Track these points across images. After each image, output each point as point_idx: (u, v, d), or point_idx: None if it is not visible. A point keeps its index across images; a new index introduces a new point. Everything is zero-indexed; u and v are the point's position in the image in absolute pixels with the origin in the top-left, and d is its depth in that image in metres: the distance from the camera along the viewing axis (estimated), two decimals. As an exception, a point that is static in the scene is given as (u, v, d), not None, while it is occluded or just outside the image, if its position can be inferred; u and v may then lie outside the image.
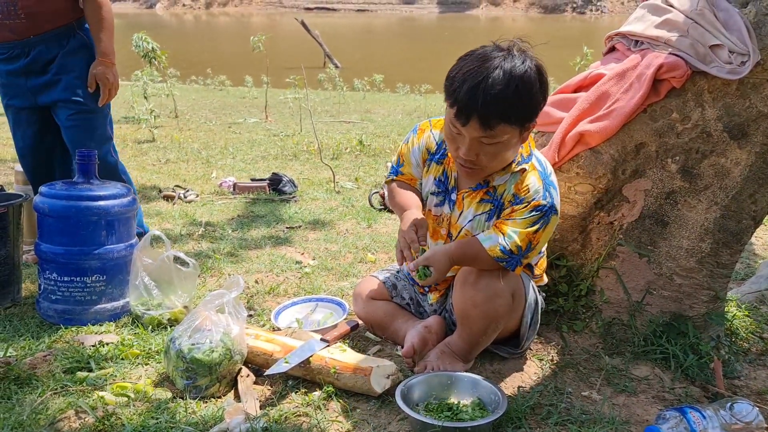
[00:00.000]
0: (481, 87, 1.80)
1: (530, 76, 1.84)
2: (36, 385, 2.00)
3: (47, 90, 2.88)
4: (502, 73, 1.81)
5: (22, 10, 2.73)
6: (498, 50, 1.88)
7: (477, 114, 1.82)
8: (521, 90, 1.82)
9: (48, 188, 2.47)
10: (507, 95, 1.81)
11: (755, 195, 2.20)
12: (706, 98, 2.17)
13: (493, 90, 1.80)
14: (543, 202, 1.96)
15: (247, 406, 1.88)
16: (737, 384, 2.18)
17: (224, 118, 8.88)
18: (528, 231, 1.96)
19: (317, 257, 3.31)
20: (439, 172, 2.15)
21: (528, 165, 2.01)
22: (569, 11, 55.38)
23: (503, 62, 1.83)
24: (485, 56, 1.86)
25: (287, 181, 4.70)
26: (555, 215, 1.99)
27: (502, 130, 1.86)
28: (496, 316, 2.03)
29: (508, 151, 1.94)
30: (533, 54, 1.91)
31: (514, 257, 1.98)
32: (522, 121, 1.88)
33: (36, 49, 2.82)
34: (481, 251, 1.98)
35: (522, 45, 1.92)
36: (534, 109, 1.90)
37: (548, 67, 1.91)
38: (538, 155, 2.06)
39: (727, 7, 2.14)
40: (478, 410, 1.87)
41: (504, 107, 1.82)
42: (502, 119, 1.83)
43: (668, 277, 2.27)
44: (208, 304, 2.10)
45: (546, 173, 2.02)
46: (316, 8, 59.48)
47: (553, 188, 2.00)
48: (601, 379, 2.12)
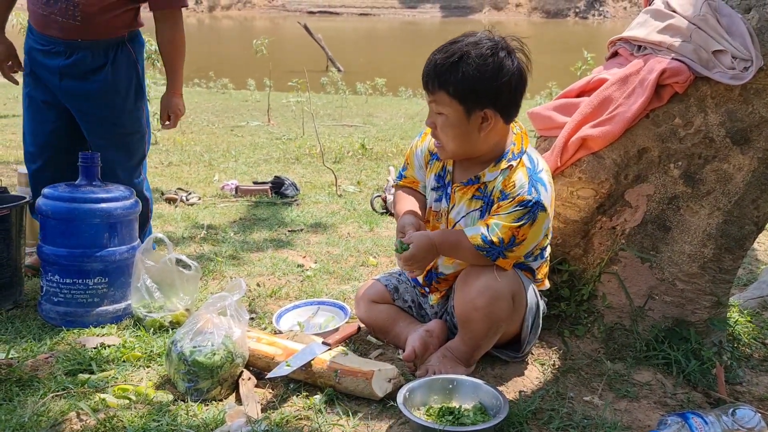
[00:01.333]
0: (432, 56, 1.95)
1: (483, 58, 1.91)
2: (37, 387, 2.00)
3: (82, 100, 2.72)
4: (461, 48, 1.92)
5: (81, 14, 2.59)
6: (484, 37, 1.96)
7: (424, 75, 1.98)
8: (461, 64, 1.91)
9: (51, 190, 2.48)
10: (443, 64, 1.92)
11: (758, 200, 2.20)
12: (709, 104, 2.17)
13: (443, 55, 1.94)
14: (527, 197, 1.96)
15: (249, 409, 1.88)
16: (739, 390, 2.18)
17: (227, 121, 8.89)
18: (512, 225, 1.96)
19: (319, 260, 3.31)
20: (439, 168, 2.19)
21: (516, 161, 2.03)
22: (572, 16, 55.44)
23: (473, 44, 1.93)
24: (469, 34, 1.98)
25: (289, 185, 4.70)
26: (543, 212, 1.97)
27: (442, 98, 1.96)
28: (497, 319, 2.03)
29: (460, 130, 1.98)
30: (520, 57, 1.97)
31: (495, 248, 1.98)
32: (460, 96, 1.93)
33: (79, 53, 2.66)
34: (463, 239, 2.01)
35: (512, 43, 1.98)
36: (475, 90, 1.92)
37: (550, 72, 1.95)
38: (531, 153, 2.07)
39: (730, 13, 2.14)
40: (479, 414, 1.86)
41: (439, 73, 1.94)
42: (440, 86, 1.95)
43: (670, 283, 2.27)
44: (209, 306, 2.10)
45: (535, 170, 2.02)
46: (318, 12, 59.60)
47: (542, 185, 1.99)
48: (602, 384, 2.12)
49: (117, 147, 2.78)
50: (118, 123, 2.78)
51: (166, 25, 2.72)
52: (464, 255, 2.06)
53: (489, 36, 1.97)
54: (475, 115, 1.96)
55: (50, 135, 2.82)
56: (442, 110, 1.98)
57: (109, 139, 2.79)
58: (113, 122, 2.77)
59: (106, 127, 2.78)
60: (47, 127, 2.81)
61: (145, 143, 2.93)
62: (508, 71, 1.93)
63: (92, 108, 2.74)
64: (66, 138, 2.83)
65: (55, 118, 2.79)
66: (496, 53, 1.92)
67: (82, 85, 2.71)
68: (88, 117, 2.77)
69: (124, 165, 2.81)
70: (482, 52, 1.91)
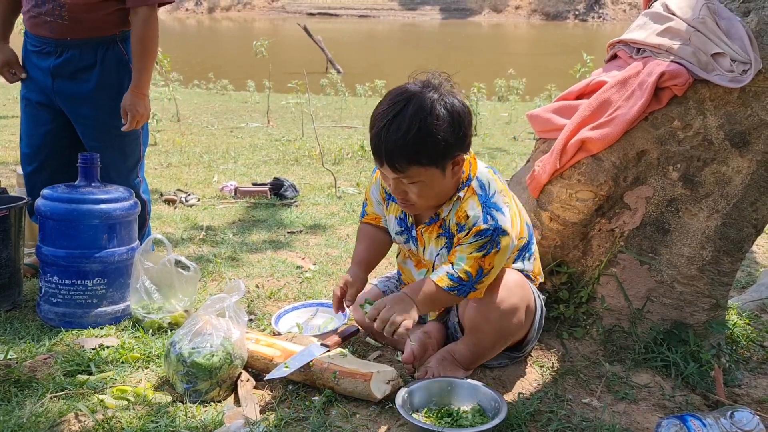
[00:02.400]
0: (383, 132, 1.82)
1: (438, 118, 1.81)
2: (36, 388, 2.00)
3: (74, 101, 2.74)
4: (407, 117, 1.80)
5: (68, 14, 2.62)
6: (413, 90, 1.85)
7: (384, 159, 1.85)
8: (424, 134, 1.80)
9: (50, 191, 2.48)
10: (407, 141, 1.80)
11: (756, 203, 2.20)
12: (708, 106, 2.18)
13: (395, 135, 1.80)
14: (484, 227, 1.91)
15: (247, 411, 1.88)
16: (738, 392, 2.18)
17: (226, 123, 8.89)
18: (475, 256, 1.92)
19: (318, 262, 3.31)
20: (399, 211, 2.14)
21: (465, 191, 1.98)
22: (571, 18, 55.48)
23: (409, 105, 1.81)
24: (398, 97, 1.85)
25: (289, 186, 4.70)
26: (504, 236, 1.92)
27: (416, 171, 1.86)
28: (507, 334, 2.04)
29: (437, 186, 1.92)
30: (454, 92, 1.89)
31: (465, 284, 1.94)
32: (435, 161, 1.86)
33: (69, 52, 2.68)
34: (431, 284, 1.96)
35: (445, 83, 1.90)
36: (446, 149, 1.85)
37: (549, 74, 1.93)
38: (482, 177, 1.99)
39: (729, 16, 2.14)
40: (478, 416, 1.87)
41: (407, 152, 1.82)
42: (410, 163, 1.84)
43: (669, 285, 2.27)
44: (208, 308, 2.10)
45: (487, 195, 1.96)
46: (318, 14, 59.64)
47: (496, 209, 1.93)
48: (601, 386, 2.12)
49: (111, 148, 2.77)
50: (110, 124, 2.76)
51: (137, 21, 2.70)
52: (440, 301, 2.02)
53: (418, 87, 1.87)
54: (448, 166, 1.90)
55: (45, 137, 2.82)
56: (416, 180, 1.89)
57: (103, 141, 2.78)
58: (105, 123, 2.76)
59: (99, 128, 2.77)
60: (42, 129, 2.82)
61: (140, 145, 2.91)
62: (461, 112, 1.87)
63: (84, 109, 2.75)
64: (61, 140, 2.83)
65: (50, 120, 2.80)
66: (442, 101, 1.84)
67: (73, 86, 2.72)
68: (81, 118, 2.77)
69: (118, 167, 2.80)
70: (435, 111, 1.82)
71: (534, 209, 2.40)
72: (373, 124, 1.87)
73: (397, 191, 1.95)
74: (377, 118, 1.86)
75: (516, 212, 2.04)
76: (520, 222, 2.06)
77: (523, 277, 2.09)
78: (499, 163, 6.22)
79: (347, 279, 2.14)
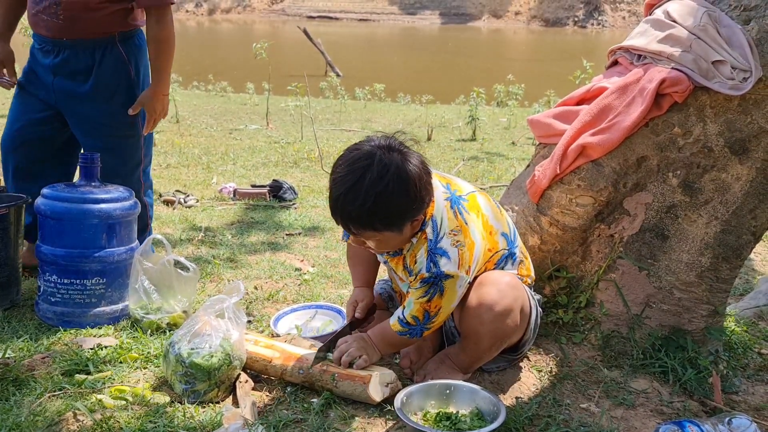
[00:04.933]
0: (340, 199, 1.84)
1: (393, 189, 1.81)
2: (34, 387, 2.00)
3: (72, 100, 2.70)
4: (361, 187, 1.81)
5: (63, 13, 2.58)
6: (370, 154, 1.84)
7: (341, 223, 1.90)
8: (378, 205, 1.81)
9: (50, 190, 2.48)
10: (361, 212, 1.83)
11: (755, 210, 2.21)
12: (708, 113, 2.18)
13: (351, 206, 1.83)
14: (426, 275, 1.93)
15: (246, 412, 1.88)
16: (735, 399, 2.18)
17: (225, 124, 8.89)
18: (421, 301, 1.96)
19: (317, 264, 3.31)
20: None
21: (418, 236, 1.97)
22: (570, 24, 55.61)
23: (366, 173, 1.81)
24: (356, 162, 1.84)
25: (287, 188, 4.71)
26: (448, 279, 1.93)
27: (371, 234, 1.90)
28: (503, 335, 2.05)
29: (393, 242, 1.95)
30: (410, 156, 1.87)
31: (414, 328, 2.00)
32: (389, 227, 1.87)
33: (65, 52, 2.66)
34: (388, 328, 2.05)
35: (402, 143, 1.90)
36: (402, 216, 1.87)
37: (548, 80, 1.93)
38: (437, 217, 1.96)
39: (729, 24, 2.15)
40: (476, 420, 1.87)
41: (362, 221, 1.86)
42: (364, 229, 1.88)
43: (668, 291, 2.27)
44: (207, 309, 2.10)
45: (436, 239, 1.94)
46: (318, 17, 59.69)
47: (441, 254, 1.92)
48: (599, 391, 2.12)
49: (109, 151, 2.71)
50: (107, 125, 2.74)
51: (152, 21, 2.67)
52: (399, 343, 2.09)
53: (375, 149, 1.85)
54: (406, 226, 1.91)
55: (30, 125, 2.76)
56: (372, 239, 1.93)
57: (101, 141, 2.74)
58: (102, 124, 2.73)
59: (97, 129, 2.74)
60: (30, 116, 2.76)
61: (142, 148, 2.86)
62: (415, 176, 1.85)
63: (81, 108, 2.72)
64: (45, 135, 2.77)
65: (41, 110, 2.75)
66: (396, 165, 1.83)
67: (72, 85, 2.70)
68: (78, 119, 2.75)
69: (117, 169, 2.74)
70: (391, 181, 1.81)
71: (534, 214, 2.41)
72: (331, 188, 1.88)
73: (356, 242, 2.01)
74: (335, 183, 1.86)
75: (480, 236, 2.01)
76: (484, 245, 2.03)
77: (515, 278, 2.09)
78: (498, 168, 6.23)
79: (356, 297, 2.26)
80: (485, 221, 2.06)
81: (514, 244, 2.15)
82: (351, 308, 2.26)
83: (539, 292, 2.37)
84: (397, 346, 2.14)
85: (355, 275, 2.34)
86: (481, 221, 2.04)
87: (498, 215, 2.12)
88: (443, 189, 2.02)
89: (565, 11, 56.81)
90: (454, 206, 2.00)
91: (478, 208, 2.05)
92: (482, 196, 2.11)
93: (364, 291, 2.28)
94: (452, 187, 2.05)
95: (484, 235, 2.04)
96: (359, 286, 2.30)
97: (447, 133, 8.61)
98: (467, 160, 6.60)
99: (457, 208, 2.00)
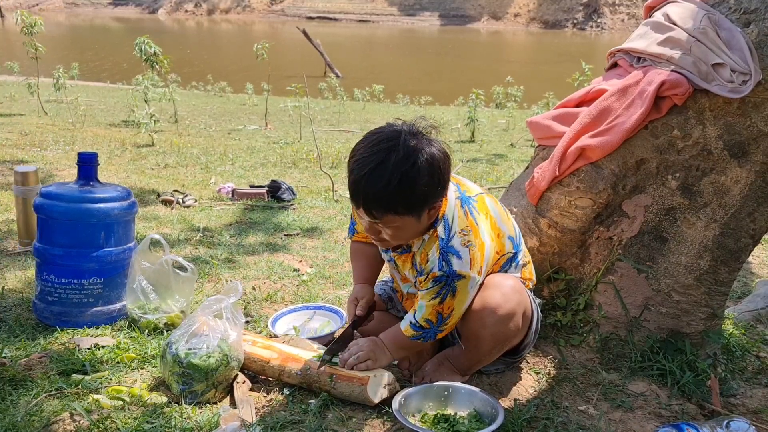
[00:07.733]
0: (363, 181, 1.80)
1: (419, 170, 1.79)
2: (31, 387, 1.99)
3: None
4: (386, 168, 1.78)
5: None
6: (394, 136, 1.82)
7: (362, 205, 1.85)
8: (403, 185, 1.78)
9: (48, 190, 2.47)
10: (385, 193, 1.79)
11: (754, 213, 2.21)
12: (708, 116, 2.18)
13: (375, 186, 1.79)
14: (438, 273, 1.91)
15: (243, 413, 1.88)
16: (733, 402, 2.18)
17: (224, 125, 8.89)
18: (433, 303, 1.94)
19: (315, 265, 3.31)
20: None
21: (430, 233, 1.95)
22: (570, 27, 55.66)
23: (390, 156, 1.79)
24: (379, 144, 1.82)
25: (286, 189, 4.70)
26: (461, 279, 1.91)
27: (391, 219, 1.86)
28: (504, 339, 2.04)
29: (411, 230, 1.92)
30: (435, 139, 1.87)
31: (428, 331, 1.99)
32: (410, 210, 1.85)
33: None
34: (400, 332, 2.03)
35: (424, 128, 1.88)
36: (425, 200, 1.85)
37: (548, 82, 1.92)
38: (448, 213, 1.95)
39: (729, 27, 2.15)
40: (474, 422, 1.86)
41: (384, 203, 1.82)
42: (386, 211, 1.84)
43: (666, 294, 2.27)
44: (205, 309, 2.09)
45: (448, 238, 1.92)
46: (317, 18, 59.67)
47: (452, 253, 1.91)
48: (597, 394, 2.12)
49: None
50: None
51: None
52: (410, 347, 2.08)
53: (398, 132, 1.83)
54: (425, 213, 1.89)
55: None
56: (392, 224, 1.88)
57: None
58: None
59: None
60: None
61: None
62: (441, 161, 1.84)
63: None
64: None
65: None
66: (423, 151, 1.81)
67: None
68: None
69: None
70: (416, 163, 1.79)
71: (532, 216, 2.41)
72: (352, 169, 1.84)
73: (370, 231, 1.95)
74: (357, 164, 1.82)
75: (489, 238, 2.00)
76: (493, 247, 2.03)
77: (519, 282, 2.09)
78: (497, 169, 6.23)
79: (357, 294, 2.21)
80: (493, 223, 2.06)
81: (519, 248, 2.15)
82: (352, 306, 2.22)
83: (538, 294, 2.37)
84: (410, 350, 2.12)
85: (357, 271, 2.31)
86: (490, 223, 2.04)
87: (504, 218, 2.12)
88: (454, 188, 2.02)
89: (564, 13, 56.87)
90: (465, 206, 2.00)
91: (486, 210, 2.05)
92: (490, 199, 2.11)
93: (364, 288, 2.25)
94: (462, 188, 2.05)
95: (493, 236, 2.04)
96: (360, 283, 2.27)
97: (446, 135, 8.61)
98: (466, 162, 6.60)
99: (467, 208, 2.00)
